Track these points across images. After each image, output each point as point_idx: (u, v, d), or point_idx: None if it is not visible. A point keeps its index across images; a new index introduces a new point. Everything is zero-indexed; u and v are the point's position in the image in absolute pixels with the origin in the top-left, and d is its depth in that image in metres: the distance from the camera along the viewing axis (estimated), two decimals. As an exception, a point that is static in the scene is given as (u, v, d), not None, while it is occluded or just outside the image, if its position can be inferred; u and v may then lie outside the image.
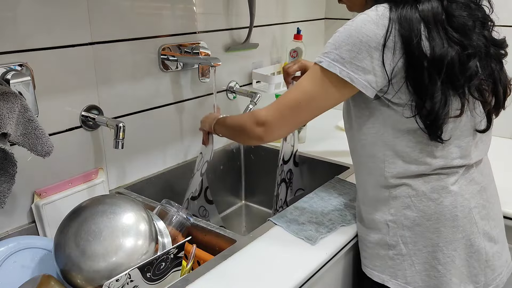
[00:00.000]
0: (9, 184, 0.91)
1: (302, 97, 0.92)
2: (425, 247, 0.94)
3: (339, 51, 0.86)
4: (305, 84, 0.92)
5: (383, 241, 0.98)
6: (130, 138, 1.23)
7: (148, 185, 1.35)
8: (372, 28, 0.84)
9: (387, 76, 0.86)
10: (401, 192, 0.95)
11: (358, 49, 0.84)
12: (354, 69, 0.85)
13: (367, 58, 0.85)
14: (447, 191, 0.93)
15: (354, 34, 0.85)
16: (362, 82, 0.86)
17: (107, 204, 0.92)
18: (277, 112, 0.95)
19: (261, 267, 0.94)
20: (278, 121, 0.95)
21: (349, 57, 0.85)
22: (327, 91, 0.90)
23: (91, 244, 0.86)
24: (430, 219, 0.93)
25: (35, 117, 0.93)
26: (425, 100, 0.85)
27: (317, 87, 0.90)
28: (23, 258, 0.95)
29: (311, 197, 1.22)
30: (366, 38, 0.84)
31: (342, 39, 0.86)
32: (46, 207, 1.08)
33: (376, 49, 0.84)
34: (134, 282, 0.83)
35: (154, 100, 1.34)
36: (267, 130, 0.96)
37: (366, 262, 1.03)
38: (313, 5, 1.94)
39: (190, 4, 1.38)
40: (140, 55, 1.27)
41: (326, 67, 0.87)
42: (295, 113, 0.94)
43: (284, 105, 0.94)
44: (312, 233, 1.04)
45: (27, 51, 1.01)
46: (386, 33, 0.83)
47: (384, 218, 0.97)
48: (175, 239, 1.05)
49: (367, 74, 0.85)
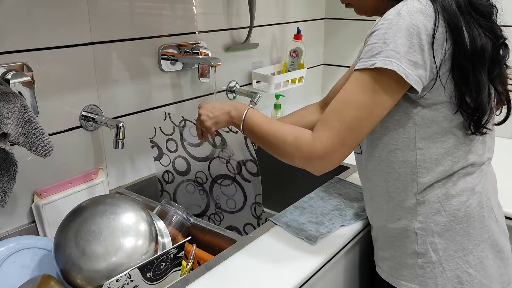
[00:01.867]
0: (10, 184, 0.91)
1: (361, 113, 0.82)
2: (456, 252, 0.92)
3: (393, 46, 0.79)
4: (360, 98, 0.82)
5: (411, 250, 0.95)
6: (130, 138, 1.23)
7: (148, 185, 1.35)
8: (421, 19, 0.79)
9: (436, 70, 0.81)
10: (430, 198, 0.92)
11: (410, 43, 0.79)
12: (407, 64, 0.79)
13: (418, 52, 0.79)
14: (473, 192, 0.92)
15: (403, 26, 0.79)
16: (415, 78, 0.80)
17: (107, 204, 0.92)
18: (337, 139, 0.83)
19: (261, 267, 0.94)
20: (339, 150, 0.83)
21: (403, 52, 0.79)
22: (383, 96, 0.82)
23: (91, 244, 0.86)
24: (460, 223, 0.91)
25: (35, 117, 0.93)
26: (471, 93, 0.82)
27: (373, 96, 0.81)
28: (23, 258, 0.95)
29: (311, 197, 1.22)
30: (417, 30, 0.79)
31: (392, 34, 0.79)
32: (46, 207, 1.08)
33: (426, 42, 0.79)
34: (134, 282, 0.83)
35: (154, 100, 1.34)
36: (327, 164, 0.85)
37: (392, 272, 1.00)
38: (313, 5, 1.94)
39: (190, 4, 1.38)
40: (140, 55, 1.27)
41: (383, 66, 0.79)
42: (357, 133, 0.83)
43: (343, 129, 0.82)
44: (312, 233, 1.04)
45: (27, 51, 1.01)
46: (434, 24, 0.79)
47: (411, 226, 0.94)
48: (175, 239, 1.05)
49: (419, 68, 0.80)
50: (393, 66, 0.78)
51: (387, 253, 1.01)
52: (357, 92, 0.82)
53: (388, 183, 0.96)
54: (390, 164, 0.94)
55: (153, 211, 1.09)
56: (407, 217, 0.95)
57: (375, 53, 0.80)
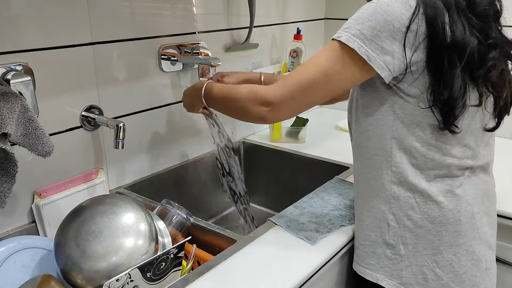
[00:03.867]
0: (9, 184, 0.91)
1: (317, 75, 0.85)
2: (425, 250, 0.93)
3: (361, 27, 0.82)
4: (321, 61, 0.86)
5: (381, 240, 0.96)
6: (130, 138, 1.23)
7: (148, 185, 1.35)
8: (398, 8, 0.81)
9: (406, 60, 0.82)
10: (405, 192, 0.92)
11: (381, 27, 0.81)
12: (373, 47, 0.82)
13: (388, 38, 0.81)
14: (452, 194, 0.91)
15: (379, 11, 0.81)
16: (379, 62, 0.82)
17: (107, 204, 0.93)
18: (287, 92, 0.88)
19: (261, 267, 0.94)
20: (287, 102, 0.88)
21: (370, 34, 0.81)
22: (344, 70, 0.85)
23: (91, 244, 0.86)
24: (433, 222, 0.91)
25: (35, 117, 0.93)
26: (444, 87, 0.82)
27: (334, 65, 0.85)
28: (23, 258, 0.95)
29: (311, 197, 1.22)
30: (391, 17, 0.81)
31: (366, 15, 0.82)
32: (46, 207, 1.08)
33: (399, 30, 0.81)
34: (134, 282, 0.83)
35: (154, 100, 1.34)
36: (273, 111, 0.89)
37: (359, 260, 1.01)
38: (313, 5, 1.94)
39: (190, 4, 1.38)
40: (140, 55, 1.27)
41: (344, 41, 0.82)
42: (308, 94, 0.87)
43: (296, 84, 0.87)
44: (312, 233, 1.04)
45: (27, 51, 1.01)
46: (412, 15, 0.80)
47: (384, 217, 0.95)
48: (175, 239, 1.05)
49: (385, 54, 0.82)
50: (354, 45, 0.82)
51: (357, 241, 1.02)
52: (323, 57, 0.86)
53: (367, 169, 0.97)
54: (368, 150, 0.95)
55: (153, 211, 1.09)
56: (381, 208, 0.95)
57: (346, 27, 0.84)
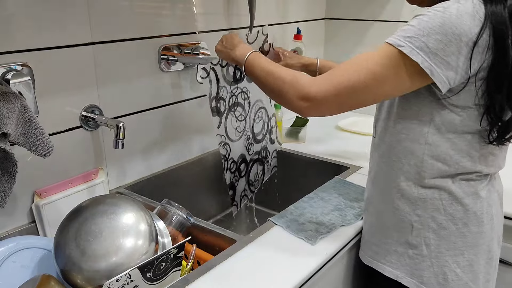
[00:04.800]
0: (9, 184, 0.91)
1: (368, 81, 0.82)
2: (447, 251, 0.93)
3: (426, 39, 0.77)
4: (375, 67, 0.82)
5: (404, 240, 0.96)
6: (130, 138, 1.23)
7: (148, 185, 1.35)
8: (468, 21, 0.77)
9: (468, 75, 0.80)
10: (432, 194, 0.92)
11: (448, 41, 0.77)
12: (438, 62, 0.78)
13: (454, 53, 0.78)
14: (477, 196, 0.92)
15: (447, 23, 0.77)
16: (442, 77, 0.79)
17: (107, 204, 0.93)
18: (330, 92, 0.84)
19: (261, 267, 0.94)
20: (329, 102, 0.85)
21: (435, 48, 0.78)
22: (400, 79, 0.81)
23: (91, 244, 0.86)
24: (457, 224, 0.92)
25: (35, 117, 0.93)
26: (502, 102, 0.81)
27: (389, 72, 0.81)
28: (23, 258, 0.95)
29: (311, 197, 1.22)
30: (459, 31, 0.77)
31: (433, 27, 0.77)
32: (46, 207, 1.08)
33: (466, 45, 0.77)
34: (134, 282, 0.83)
35: (154, 100, 1.34)
36: (312, 108, 0.87)
37: (378, 257, 1.01)
38: (313, 5, 1.94)
39: (190, 4, 1.38)
40: (140, 55, 1.27)
41: (407, 54, 0.79)
42: (355, 96, 0.84)
43: (343, 84, 0.83)
44: (312, 233, 1.04)
45: (27, 51, 1.01)
46: (480, 29, 0.77)
47: (408, 218, 0.94)
48: (175, 239, 1.05)
49: (449, 70, 0.79)
50: (418, 59, 0.78)
51: (375, 238, 1.02)
52: (377, 61, 0.82)
53: (392, 171, 0.96)
54: (397, 153, 0.94)
55: (153, 211, 1.09)
56: (406, 209, 0.95)
57: (408, 35, 0.79)
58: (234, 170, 1.34)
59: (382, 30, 1.83)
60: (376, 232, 1.02)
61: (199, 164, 1.51)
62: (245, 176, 1.40)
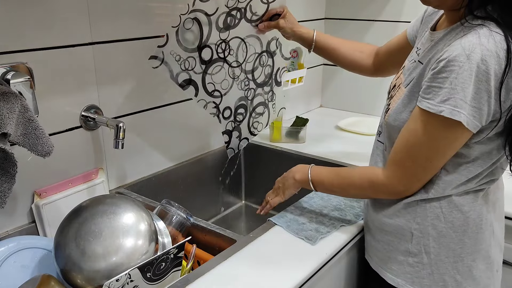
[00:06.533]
0: (9, 184, 0.91)
1: (431, 155, 0.86)
2: (447, 258, 0.93)
3: (462, 95, 0.77)
4: (426, 142, 0.84)
5: (404, 248, 0.96)
6: (130, 138, 1.23)
7: (148, 185, 1.35)
8: (493, 64, 0.76)
9: (500, 116, 0.80)
10: (432, 202, 0.92)
11: (477, 89, 0.77)
12: (472, 111, 0.79)
13: (485, 98, 0.78)
14: (476, 203, 0.92)
15: (474, 72, 0.76)
16: (476, 124, 0.80)
17: (107, 204, 0.93)
18: (412, 176, 0.90)
19: (261, 267, 0.94)
20: (416, 183, 0.90)
21: (470, 99, 0.78)
22: (451, 141, 0.83)
23: (91, 244, 0.86)
24: (457, 231, 0.92)
25: (35, 117, 0.93)
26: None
27: (441, 140, 0.83)
28: (23, 258, 0.95)
29: (311, 197, 1.22)
30: (487, 77, 0.76)
31: (462, 80, 0.77)
32: (46, 207, 1.08)
33: (495, 87, 0.77)
34: (134, 282, 0.83)
35: (154, 100, 1.34)
36: (408, 193, 0.93)
37: (381, 263, 1.01)
38: (313, 5, 1.94)
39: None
40: (140, 55, 1.27)
41: (449, 116, 0.79)
42: (430, 169, 0.88)
43: (416, 167, 0.88)
44: (312, 233, 1.04)
45: (27, 51, 1.01)
46: (505, 69, 0.76)
47: (408, 226, 0.94)
48: (175, 239, 1.05)
49: (483, 115, 0.79)
50: (460, 117, 0.78)
51: (379, 245, 1.02)
52: (429, 137, 0.84)
53: None
54: None
55: (153, 211, 1.09)
56: (406, 216, 0.95)
57: (444, 99, 0.79)
58: (229, 115, 1.34)
59: (382, 30, 1.83)
60: (378, 238, 1.02)
61: (199, 164, 1.51)
62: (246, 118, 1.39)
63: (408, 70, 0.95)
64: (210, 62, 1.22)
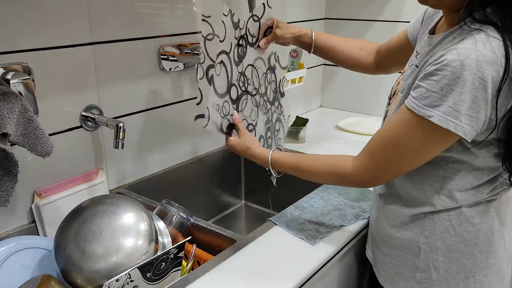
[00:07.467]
0: (12, 183, 0.91)
1: (407, 154, 0.83)
2: (458, 273, 0.89)
3: (453, 102, 0.74)
4: (406, 140, 0.81)
5: (411, 263, 0.93)
6: (130, 138, 1.23)
7: (148, 185, 1.35)
8: (490, 71, 0.72)
9: (496, 121, 0.77)
10: (441, 215, 0.89)
11: (474, 98, 0.73)
12: (468, 121, 0.75)
13: (482, 106, 0.74)
14: (488, 215, 0.89)
15: (469, 79, 0.72)
16: (472, 133, 0.77)
17: (107, 204, 0.93)
18: (380, 169, 0.87)
19: (261, 267, 0.94)
20: (384, 175, 0.89)
21: (465, 108, 0.74)
22: (432, 145, 0.81)
23: (91, 244, 0.86)
24: (468, 245, 0.88)
25: (35, 117, 0.93)
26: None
27: (422, 142, 0.80)
28: (23, 258, 0.95)
29: (311, 197, 1.22)
30: (483, 84, 0.72)
31: (455, 87, 0.73)
32: (46, 207, 1.08)
33: (491, 95, 0.74)
34: (134, 282, 0.83)
35: (154, 100, 1.34)
36: (375, 183, 0.94)
37: (388, 278, 0.99)
38: (313, 5, 1.94)
39: (190, 4, 1.38)
40: (140, 55, 1.27)
41: (437, 123, 0.75)
42: (401, 166, 0.86)
43: (387, 161, 0.86)
44: (312, 233, 1.04)
45: (27, 51, 1.01)
46: (503, 76, 0.73)
47: (415, 240, 0.91)
48: (175, 239, 1.05)
49: (479, 124, 0.76)
50: (449, 126, 0.75)
51: (386, 258, 0.99)
52: (407, 136, 0.81)
53: (410, 191, 0.92)
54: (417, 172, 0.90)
55: (153, 211, 1.09)
56: (413, 229, 0.92)
57: (434, 104, 0.76)
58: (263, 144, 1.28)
59: (382, 30, 1.83)
60: (385, 252, 0.99)
61: (199, 164, 1.51)
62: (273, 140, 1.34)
63: (406, 76, 0.93)
64: (238, 99, 1.18)
